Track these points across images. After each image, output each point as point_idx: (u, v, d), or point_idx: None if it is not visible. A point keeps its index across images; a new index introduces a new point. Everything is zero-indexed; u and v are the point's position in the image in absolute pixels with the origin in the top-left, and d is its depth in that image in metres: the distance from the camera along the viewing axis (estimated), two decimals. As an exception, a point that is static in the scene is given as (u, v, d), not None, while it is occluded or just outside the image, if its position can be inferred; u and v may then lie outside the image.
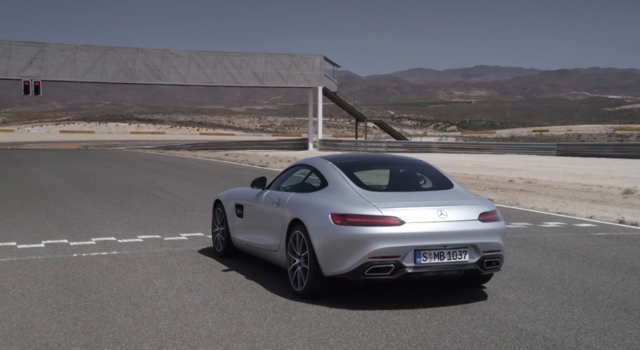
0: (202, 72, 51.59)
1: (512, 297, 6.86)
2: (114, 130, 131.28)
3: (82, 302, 6.28)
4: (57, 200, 14.47)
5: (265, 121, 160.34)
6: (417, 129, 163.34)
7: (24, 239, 9.67)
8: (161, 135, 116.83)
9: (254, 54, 53.86)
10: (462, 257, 6.43)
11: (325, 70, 55.14)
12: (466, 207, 6.62)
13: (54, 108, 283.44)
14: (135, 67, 50.02)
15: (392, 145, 52.14)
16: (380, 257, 6.20)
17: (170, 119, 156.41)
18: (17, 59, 47.88)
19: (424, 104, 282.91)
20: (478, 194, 17.05)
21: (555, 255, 9.14)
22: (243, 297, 6.63)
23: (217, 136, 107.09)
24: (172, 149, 55.24)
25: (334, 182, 6.91)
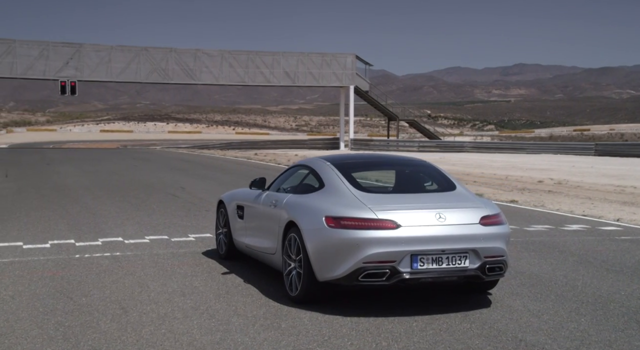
0: (234, 71, 51.75)
1: (517, 304, 6.55)
2: (152, 130, 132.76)
3: (71, 306, 6.16)
4: (76, 199, 14.51)
5: (300, 120, 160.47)
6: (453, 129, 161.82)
7: (32, 238, 9.64)
8: (198, 134, 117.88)
9: (285, 53, 53.84)
10: (462, 262, 6.14)
11: (357, 69, 54.83)
12: (466, 210, 6.33)
13: (96, 108, 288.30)
14: (168, 67, 50.43)
15: (424, 145, 51.60)
16: (375, 262, 5.95)
17: (207, 118, 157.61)
18: (55, 59, 48.69)
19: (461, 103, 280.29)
20: (504, 195, 16.75)
21: (572, 260, 8.77)
22: (236, 301, 6.44)
23: (251, 136, 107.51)
24: (205, 148, 55.62)
25: (330, 183, 6.68)
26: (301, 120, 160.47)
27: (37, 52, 48.55)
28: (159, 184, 18.72)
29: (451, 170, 26.98)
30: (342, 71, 53.88)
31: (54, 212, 12.56)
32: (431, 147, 50.84)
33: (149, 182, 19.15)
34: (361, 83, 54.57)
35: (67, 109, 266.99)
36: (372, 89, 56.24)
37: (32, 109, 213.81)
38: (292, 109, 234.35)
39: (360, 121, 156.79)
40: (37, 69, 48.66)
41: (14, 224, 11.01)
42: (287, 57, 53.42)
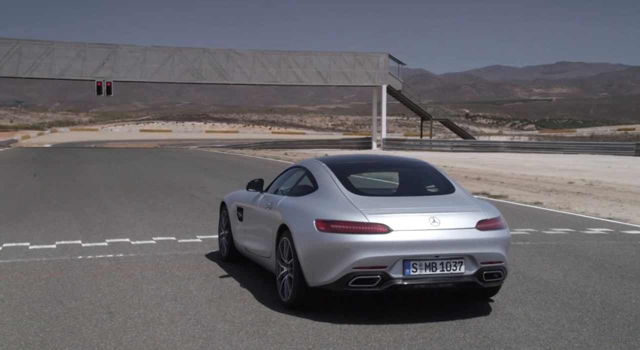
0: (266, 71, 51.85)
1: (518, 312, 6.28)
2: (190, 129, 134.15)
3: (58, 310, 6.07)
4: (95, 199, 14.58)
5: (336, 120, 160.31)
6: (492, 128, 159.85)
7: (40, 239, 9.65)
8: (234, 134, 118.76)
9: (317, 53, 53.74)
10: (457, 268, 5.89)
11: (390, 68, 54.43)
12: (463, 214, 6.08)
13: (137, 108, 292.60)
14: (201, 67, 50.78)
15: (457, 145, 50.97)
16: (365, 268, 5.74)
17: (243, 118, 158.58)
18: (91, 60, 49.46)
19: (500, 102, 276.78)
20: (529, 196, 16.33)
21: (587, 265, 8.43)
22: (227, 307, 6.29)
23: (286, 135, 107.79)
24: (239, 147, 55.89)
25: (323, 185, 6.50)
26: (337, 120, 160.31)
27: (75, 53, 49.37)
28: (181, 183, 18.74)
29: (481, 171, 26.54)
30: (374, 70, 53.54)
31: (70, 211, 12.62)
32: (465, 147, 50.18)
33: (171, 182, 19.20)
34: (394, 82, 54.15)
35: (109, 109, 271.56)
36: (405, 88, 55.77)
37: (75, 109, 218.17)
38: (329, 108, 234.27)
39: (396, 120, 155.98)
40: (74, 69, 49.48)
41: (27, 223, 11.07)
42: (320, 57, 53.30)
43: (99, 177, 20.71)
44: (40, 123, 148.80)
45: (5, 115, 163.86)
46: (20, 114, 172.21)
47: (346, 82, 54.73)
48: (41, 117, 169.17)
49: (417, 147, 51.67)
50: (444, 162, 33.80)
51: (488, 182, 21.22)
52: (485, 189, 18.40)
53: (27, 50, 48.77)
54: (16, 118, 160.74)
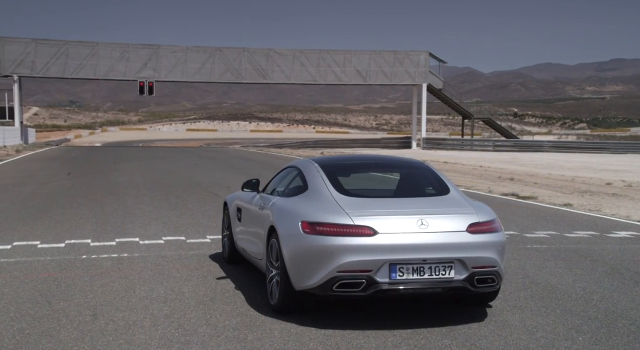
0: (305, 70, 51.84)
1: (514, 319, 6.03)
2: (235, 129, 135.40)
3: (44, 311, 6.02)
4: (119, 198, 14.68)
5: (381, 119, 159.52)
6: (541, 127, 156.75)
7: (52, 237, 9.72)
8: (278, 133, 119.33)
9: (357, 52, 53.47)
10: (447, 273, 5.67)
11: (431, 66, 53.80)
12: (453, 216, 5.85)
13: (185, 107, 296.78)
14: (241, 66, 51.08)
15: (499, 144, 50.09)
16: (350, 271, 5.56)
17: (288, 117, 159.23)
18: (134, 60, 50.25)
19: (551, 101, 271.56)
20: (561, 197, 15.82)
21: (601, 270, 8.09)
22: (214, 310, 6.18)
23: (330, 134, 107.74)
24: (280, 147, 56.05)
25: (313, 185, 6.35)
26: (382, 119, 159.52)
27: (119, 54, 50.23)
28: (208, 182, 18.78)
29: (518, 171, 25.97)
30: (414, 69, 53.00)
31: (90, 210, 12.72)
32: (506, 147, 49.31)
33: (198, 181, 19.26)
34: (434, 81, 53.51)
35: (158, 109, 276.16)
36: (446, 86, 55.04)
37: (126, 109, 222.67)
38: (374, 107, 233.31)
39: (442, 120, 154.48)
40: (118, 70, 50.35)
41: (44, 222, 11.18)
42: (359, 56, 53.02)
43: (129, 176, 20.92)
44: (92, 122, 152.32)
45: (60, 115, 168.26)
46: (73, 114, 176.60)
47: (386, 81, 54.31)
48: (93, 117, 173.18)
49: (458, 146, 50.97)
50: (481, 162, 33.22)
51: (521, 182, 20.72)
52: (515, 189, 17.95)
53: (73, 51, 49.83)
54: (70, 118, 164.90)
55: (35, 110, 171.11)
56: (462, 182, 20.31)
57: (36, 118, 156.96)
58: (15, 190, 16.40)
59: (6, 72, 48.87)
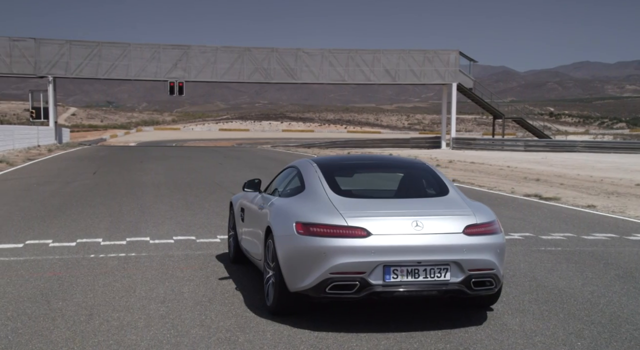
0: (334, 70, 51.77)
1: (514, 323, 5.90)
2: (267, 128, 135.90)
3: (42, 310, 6.03)
4: (137, 197, 14.78)
5: (413, 119, 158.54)
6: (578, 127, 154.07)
7: (64, 236, 9.80)
8: (310, 133, 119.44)
9: (386, 51, 53.21)
10: (442, 275, 5.57)
11: (461, 65, 53.28)
12: (450, 217, 5.73)
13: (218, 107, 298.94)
14: (270, 66, 51.21)
15: (531, 144, 49.40)
16: (343, 273, 5.48)
17: (319, 117, 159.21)
18: (165, 61, 50.74)
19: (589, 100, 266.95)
20: (585, 199, 15.48)
21: (613, 273, 7.88)
22: (210, 311, 6.15)
23: (361, 134, 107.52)
24: (310, 146, 56.07)
25: (309, 186, 6.29)
26: (414, 119, 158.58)
27: (150, 55, 50.77)
28: (228, 182, 18.82)
29: (546, 172, 25.55)
30: (444, 68, 52.56)
31: (108, 209, 12.82)
32: (538, 147, 48.61)
33: (220, 181, 19.32)
34: (465, 80, 52.99)
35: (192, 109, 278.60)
36: (477, 86, 54.46)
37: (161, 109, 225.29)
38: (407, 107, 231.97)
39: (475, 119, 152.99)
40: (149, 70, 50.89)
41: (60, 221, 11.30)
42: (388, 55, 52.74)
43: (153, 175, 21.08)
44: (128, 122, 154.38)
45: (97, 115, 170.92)
46: (110, 114, 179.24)
47: (415, 81, 53.95)
48: (129, 117, 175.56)
49: (489, 146, 50.40)
50: (509, 162, 32.78)
51: (547, 183, 20.36)
52: (539, 190, 17.64)
53: (106, 52, 50.51)
54: (106, 118, 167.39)
55: (73, 111, 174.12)
56: (486, 183, 20.04)
57: (74, 118, 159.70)
58: (40, 188, 16.64)
59: (41, 73, 49.76)
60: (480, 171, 25.77)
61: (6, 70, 49.68)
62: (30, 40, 50.05)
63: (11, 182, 18.42)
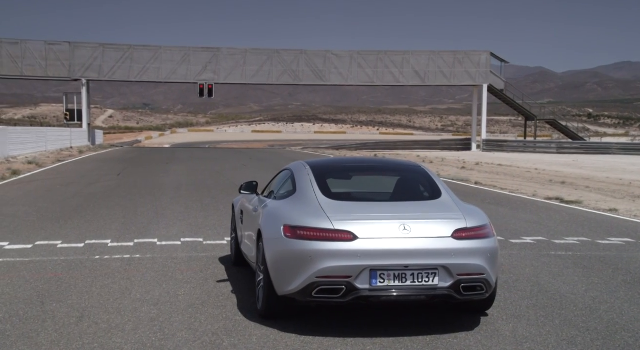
0: (362, 71, 51.65)
1: (506, 328, 5.77)
2: (299, 130, 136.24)
3: (34, 312, 6.06)
4: (155, 199, 14.89)
5: (446, 120, 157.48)
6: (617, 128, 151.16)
7: (74, 237, 9.89)
8: (342, 134, 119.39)
9: (415, 52, 52.90)
10: (430, 280, 5.47)
11: (492, 66, 52.67)
12: (438, 221, 5.64)
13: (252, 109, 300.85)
14: (298, 68, 51.30)
15: (565, 146, 48.62)
16: (329, 277, 5.42)
17: (352, 119, 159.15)
18: (195, 63, 51.21)
19: (630, 101, 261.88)
20: (609, 203, 15.13)
21: (621, 279, 7.69)
22: (201, 314, 6.12)
23: (393, 136, 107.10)
24: (340, 148, 56.05)
25: (301, 188, 6.24)
26: (447, 120, 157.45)
27: (180, 57, 51.29)
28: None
29: (573, 174, 25.10)
30: (475, 69, 52.04)
31: (123, 210, 12.94)
32: (571, 149, 47.84)
33: (238, 182, 19.30)
34: (496, 81, 52.40)
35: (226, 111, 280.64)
36: (508, 87, 53.79)
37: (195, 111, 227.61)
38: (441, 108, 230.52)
39: (510, 121, 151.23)
40: (179, 73, 51.41)
41: (74, 222, 11.42)
42: (417, 56, 52.43)
43: (176, 177, 21.24)
44: (163, 124, 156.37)
45: (133, 117, 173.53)
46: (145, 116, 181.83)
47: (445, 82, 53.55)
48: (164, 119, 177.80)
49: (520, 148, 49.75)
50: (538, 164, 32.32)
51: (572, 186, 20.00)
52: (562, 193, 17.32)
53: (137, 55, 51.18)
54: (142, 120, 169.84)
55: (110, 113, 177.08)
56: (509, 186, 19.76)
57: (111, 120, 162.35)
58: (62, 190, 16.88)
59: (75, 76, 50.63)
60: (506, 174, 25.43)
61: (42, 74, 50.69)
62: (65, 44, 50.97)
63: (36, 183, 18.73)
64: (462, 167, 28.94)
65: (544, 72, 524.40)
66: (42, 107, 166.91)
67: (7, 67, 49.94)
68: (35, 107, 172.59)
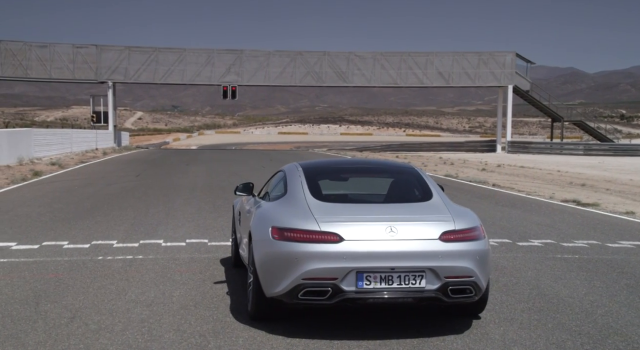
0: (386, 73, 51.48)
1: (496, 332, 5.70)
2: (325, 132, 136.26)
3: (27, 312, 6.11)
4: (169, 200, 14.96)
5: (474, 122, 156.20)
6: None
7: (81, 238, 9.98)
8: (368, 136, 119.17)
9: (439, 53, 52.57)
10: (417, 282, 5.42)
11: (517, 67, 52.11)
12: (426, 223, 5.58)
13: (279, 111, 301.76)
14: (321, 70, 51.32)
15: (591, 148, 47.91)
16: (315, 279, 5.39)
17: (378, 120, 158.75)
18: (219, 65, 51.50)
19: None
20: (628, 205, 14.84)
21: (624, 283, 7.56)
22: (192, 315, 6.11)
23: (420, 137, 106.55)
24: (363, 150, 55.95)
25: (291, 190, 6.23)
26: (475, 122, 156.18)
27: (204, 59, 51.63)
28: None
29: (596, 177, 24.72)
30: (500, 70, 51.55)
31: (135, 211, 13.04)
32: (600, 150, 47.12)
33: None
34: (521, 82, 51.86)
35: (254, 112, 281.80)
36: (534, 88, 53.19)
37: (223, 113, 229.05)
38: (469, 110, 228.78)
39: (540, 122, 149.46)
40: (204, 75, 51.75)
41: (85, 222, 11.53)
42: (441, 57, 52.11)
43: (193, 178, 21.36)
44: (191, 126, 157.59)
45: (161, 119, 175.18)
46: (174, 118, 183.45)
47: (469, 83, 53.13)
48: (192, 121, 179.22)
49: (547, 150, 49.15)
50: (562, 166, 31.90)
51: (591, 188, 19.69)
52: (581, 196, 17.07)
53: (162, 57, 51.63)
54: (170, 121, 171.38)
55: (139, 115, 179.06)
56: (527, 188, 19.52)
57: (140, 122, 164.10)
58: (79, 191, 17.08)
59: (102, 79, 51.25)
60: (526, 175, 25.14)
61: (70, 76, 51.40)
62: (92, 47, 51.65)
63: (55, 184, 18.98)
64: (482, 169, 28.68)
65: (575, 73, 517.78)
66: (74, 109, 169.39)
67: (36, 70, 50.74)
68: (67, 109, 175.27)
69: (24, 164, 26.99)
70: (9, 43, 50.52)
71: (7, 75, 50.92)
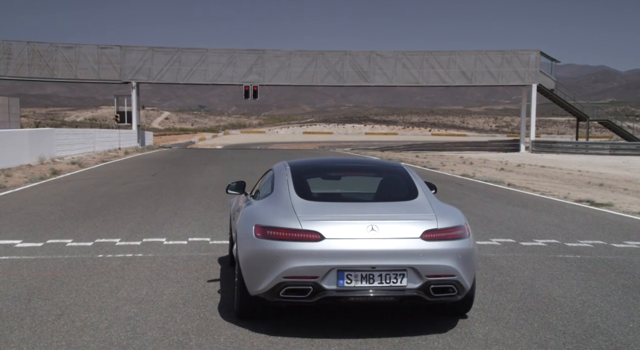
0: (407, 72, 51.24)
1: (480, 331, 5.67)
2: (350, 131, 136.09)
3: (17, 309, 6.19)
4: (180, 198, 15.06)
5: (501, 121, 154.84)
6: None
7: (85, 236, 10.08)
8: (393, 136, 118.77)
9: (462, 52, 52.17)
10: (399, 281, 5.40)
11: (542, 65, 51.52)
12: (407, 222, 5.56)
13: (304, 111, 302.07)
14: (343, 69, 51.27)
15: (619, 148, 47.21)
16: (296, 277, 5.41)
17: (403, 120, 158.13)
18: (240, 66, 51.73)
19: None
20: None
21: (620, 283, 7.46)
22: (179, 313, 6.14)
23: (445, 137, 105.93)
24: (385, 149, 55.82)
25: (277, 188, 6.25)
26: (502, 121, 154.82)
27: (226, 60, 51.90)
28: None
29: (616, 177, 24.35)
30: (524, 69, 51.01)
31: (144, 209, 13.14)
32: (626, 150, 46.39)
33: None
34: (545, 81, 51.24)
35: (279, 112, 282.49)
36: (559, 87, 52.54)
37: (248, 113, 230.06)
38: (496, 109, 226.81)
39: (568, 121, 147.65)
40: (225, 75, 52.01)
41: (92, 221, 11.64)
42: (464, 56, 51.71)
43: (208, 177, 21.48)
44: (216, 126, 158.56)
45: (188, 119, 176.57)
46: (200, 118, 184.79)
47: (492, 82, 52.65)
48: (217, 121, 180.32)
49: (572, 150, 48.54)
50: (584, 166, 31.50)
51: (609, 188, 19.41)
52: (596, 196, 16.83)
53: (185, 58, 52.01)
54: (196, 121, 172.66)
55: (166, 115, 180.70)
56: (543, 187, 19.30)
57: (167, 122, 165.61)
58: (94, 189, 17.27)
59: (126, 79, 51.80)
60: (545, 175, 24.86)
61: (95, 77, 52.04)
62: (116, 48, 52.22)
63: (72, 183, 19.22)
64: (501, 169, 28.42)
65: (606, 71, 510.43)
66: (102, 110, 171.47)
67: (62, 70, 51.45)
68: (96, 110, 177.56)
69: (44, 163, 27.38)
70: (36, 44, 51.29)
71: (34, 76, 51.71)
